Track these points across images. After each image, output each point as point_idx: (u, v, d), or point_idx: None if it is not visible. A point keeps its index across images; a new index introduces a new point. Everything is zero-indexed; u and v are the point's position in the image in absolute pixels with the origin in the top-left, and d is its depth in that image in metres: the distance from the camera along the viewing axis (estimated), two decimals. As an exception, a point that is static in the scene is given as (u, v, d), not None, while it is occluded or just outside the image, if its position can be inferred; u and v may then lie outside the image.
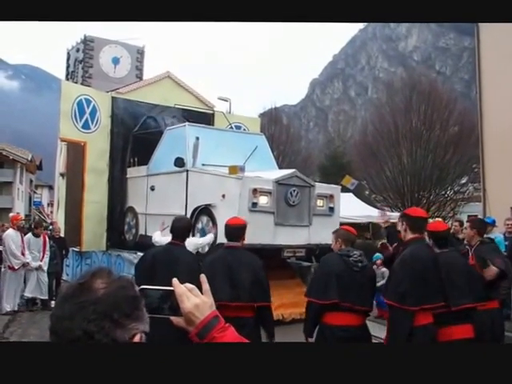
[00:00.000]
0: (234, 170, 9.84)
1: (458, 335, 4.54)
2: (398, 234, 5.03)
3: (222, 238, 9.85)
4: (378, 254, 12.55)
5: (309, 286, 5.35)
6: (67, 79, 22.77)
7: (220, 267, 5.27)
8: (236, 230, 5.52)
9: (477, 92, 19.41)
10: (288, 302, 9.95)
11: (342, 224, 14.29)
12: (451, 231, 11.05)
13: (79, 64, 23.12)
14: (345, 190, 13.94)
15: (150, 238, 9.91)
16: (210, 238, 8.58)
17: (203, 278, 1.73)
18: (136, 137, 13.94)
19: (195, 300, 1.63)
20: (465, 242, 6.98)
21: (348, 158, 35.35)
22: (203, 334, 1.61)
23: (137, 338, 1.31)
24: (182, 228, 5.80)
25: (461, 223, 10.04)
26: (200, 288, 1.68)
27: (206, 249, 9.46)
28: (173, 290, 1.60)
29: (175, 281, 1.64)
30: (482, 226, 6.70)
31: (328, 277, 5.05)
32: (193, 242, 7.92)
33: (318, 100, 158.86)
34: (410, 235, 4.67)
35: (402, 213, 5.06)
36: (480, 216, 18.55)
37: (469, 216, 27.26)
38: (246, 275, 5.24)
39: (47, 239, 12.26)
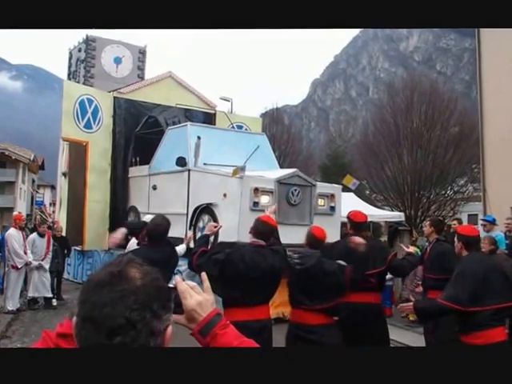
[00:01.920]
0: (235, 172, 9.87)
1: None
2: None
3: (223, 237, 9.91)
4: None
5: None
6: (69, 79, 22.75)
7: (251, 264, 4.88)
8: (268, 229, 5.18)
9: (477, 92, 19.41)
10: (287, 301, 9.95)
11: (343, 223, 14.30)
12: (451, 230, 11.08)
13: (81, 64, 23.10)
14: (346, 189, 13.91)
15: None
16: (182, 248, 8.52)
17: (204, 276, 1.76)
18: (138, 136, 13.98)
19: (198, 297, 1.64)
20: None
21: (349, 157, 35.34)
22: (205, 331, 1.63)
23: (169, 329, 1.33)
24: (162, 232, 5.55)
25: (459, 222, 10.06)
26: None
27: None
28: (174, 288, 1.62)
29: (178, 278, 1.66)
30: (440, 225, 7.19)
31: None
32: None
33: (319, 100, 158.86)
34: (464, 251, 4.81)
35: (456, 228, 5.20)
36: (480, 215, 18.56)
37: (469, 216, 27.37)
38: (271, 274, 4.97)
39: (51, 238, 12.27)
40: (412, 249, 6.77)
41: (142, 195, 13.11)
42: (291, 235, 9.25)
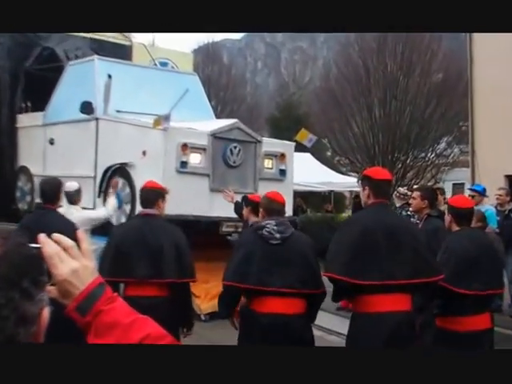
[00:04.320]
0: (157, 122, 9.79)
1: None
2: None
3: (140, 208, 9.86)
4: None
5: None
6: None
7: (134, 238, 5.62)
8: (152, 195, 5.80)
9: (467, 29, 19.77)
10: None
11: (296, 193, 14.47)
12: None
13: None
14: (300, 148, 14.06)
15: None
16: (105, 211, 8.49)
17: (80, 234, 1.61)
18: (29, 73, 13.64)
19: (73, 264, 1.49)
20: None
21: (305, 108, 35.56)
22: (85, 307, 1.50)
23: (45, 313, 1.27)
24: (50, 190, 6.26)
25: (441, 192, 10.32)
26: None
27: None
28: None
29: (43, 237, 1.46)
30: (433, 195, 7.40)
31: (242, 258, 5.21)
32: (85, 217, 7.82)
33: (268, 34, 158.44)
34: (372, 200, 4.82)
35: (363, 175, 5.20)
36: (468, 185, 19.10)
37: (454, 185, 28.10)
38: (168, 247, 5.55)
39: None
40: None
41: (36, 152, 12.86)
42: (230, 206, 9.32)
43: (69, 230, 5.78)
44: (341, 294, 5.03)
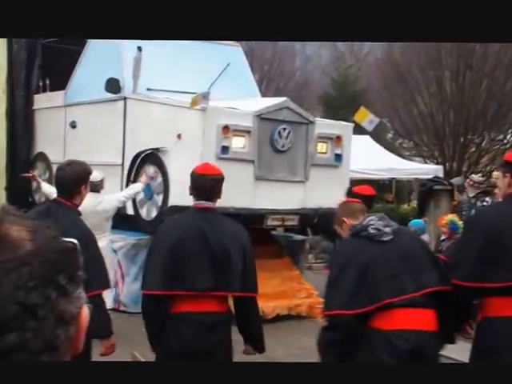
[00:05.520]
0: (194, 101, 9.78)
1: None
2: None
3: (176, 199, 9.89)
4: (416, 221, 12.49)
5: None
6: None
7: (193, 239, 5.13)
8: (211, 183, 5.32)
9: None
10: (272, 292, 10.07)
11: (353, 182, 14.37)
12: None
13: None
14: (359, 130, 13.93)
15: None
16: (137, 187, 8.58)
17: None
18: (47, 47, 13.75)
19: None
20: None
21: (364, 84, 35.30)
22: None
23: (85, 312, 1.27)
24: (68, 179, 5.48)
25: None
26: None
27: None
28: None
29: None
30: None
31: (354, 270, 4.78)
32: (115, 198, 7.89)
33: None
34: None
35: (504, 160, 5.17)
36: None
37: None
38: (234, 251, 5.13)
39: None
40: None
41: (55, 137, 13.01)
42: (277, 196, 9.28)
43: (80, 236, 5.47)
44: None
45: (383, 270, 4.70)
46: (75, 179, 5.43)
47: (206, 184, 5.25)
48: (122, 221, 10.43)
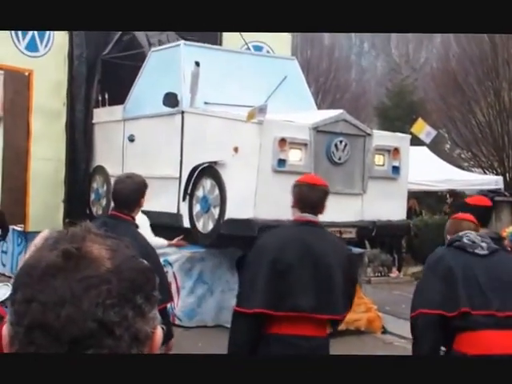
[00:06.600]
0: (251, 114, 9.79)
1: None
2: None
3: (233, 212, 9.93)
4: None
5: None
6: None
7: (297, 255, 4.74)
8: (319, 195, 4.95)
9: None
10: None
11: (411, 193, 14.18)
12: None
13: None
14: (416, 141, 13.82)
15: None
16: (161, 243, 8.53)
17: None
18: (107, 62, 13.92)
19: None
20: None
21: (420, 94, 35.03)
22: None
23: (158, 332, 1.28)
24: (127, 192, 5.47)
25: None
26: None
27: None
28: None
29: None
30: None
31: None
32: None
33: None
34: None
35: None
36: None
37: None
38: (337, 269, 4.80)
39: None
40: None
41: (114, 150, 13.12)
42: (334, 209, 9.21)
43: (142, 251, 5.47)
44: None
45: (468, 281, 4.56)
46: (136, 190, 5.43)
47: (314, 196, 4.89)
48: (176, 234, 10.47)
